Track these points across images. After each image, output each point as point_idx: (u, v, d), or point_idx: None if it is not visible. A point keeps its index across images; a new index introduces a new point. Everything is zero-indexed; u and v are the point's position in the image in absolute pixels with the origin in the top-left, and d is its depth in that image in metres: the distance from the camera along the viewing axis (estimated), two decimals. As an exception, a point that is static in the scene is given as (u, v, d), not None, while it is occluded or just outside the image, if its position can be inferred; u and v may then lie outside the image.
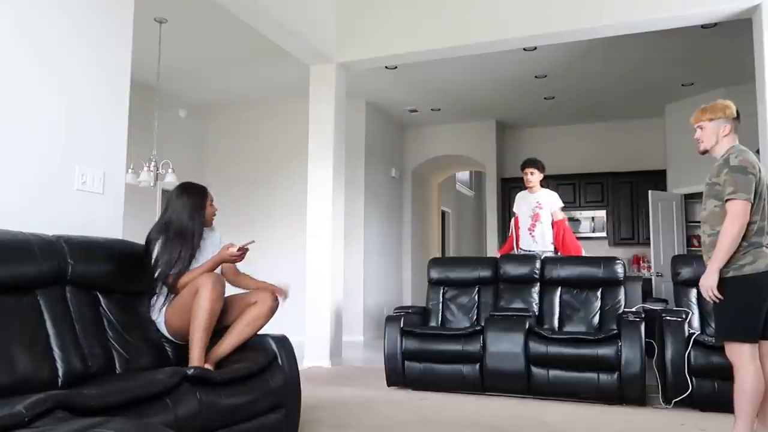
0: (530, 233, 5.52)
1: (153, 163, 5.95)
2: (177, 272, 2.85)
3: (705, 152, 2.99)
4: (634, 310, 4.46)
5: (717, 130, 2.93)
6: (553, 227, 5.51)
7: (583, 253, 5.42)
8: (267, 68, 7.19)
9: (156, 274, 2.83)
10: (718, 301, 2.81)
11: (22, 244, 2.35)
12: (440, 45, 5.68)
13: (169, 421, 2.09)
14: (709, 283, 2.81)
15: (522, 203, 5.70)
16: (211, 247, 3.12)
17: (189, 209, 2.98)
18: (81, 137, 3.15)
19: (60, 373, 2.27)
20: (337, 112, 6.05)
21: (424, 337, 4.62)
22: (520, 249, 5.56)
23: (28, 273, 2.33)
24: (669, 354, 3.94)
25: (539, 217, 5.50)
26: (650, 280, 7.82)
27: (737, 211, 2.73)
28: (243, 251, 2.95)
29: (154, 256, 2.84)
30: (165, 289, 2.87)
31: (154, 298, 2.89)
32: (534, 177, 5.60)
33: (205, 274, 2.76)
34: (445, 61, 6.55)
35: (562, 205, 5.64)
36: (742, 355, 2.73)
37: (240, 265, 3.18)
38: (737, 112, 2.94)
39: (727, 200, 2.76)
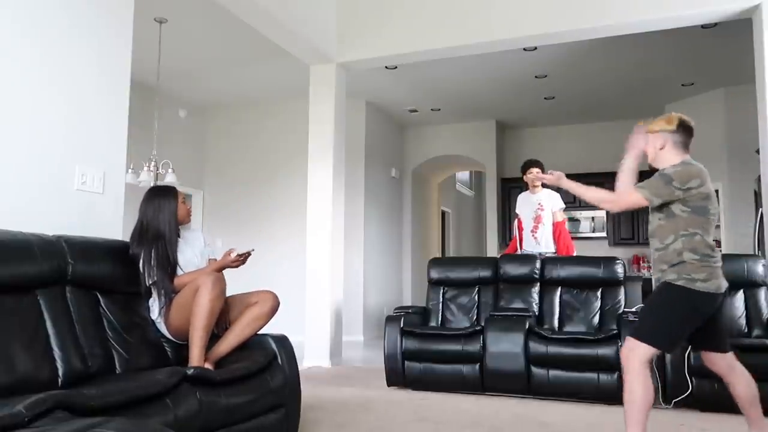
0: (533, 235, 5.52)
1: (153, 163, 5.96)
2: (168, 273, 2.86)
3: (651, 168, 2.87)
4: (634, 310, 4.45)
5: (655, 142, 2.82)
6: (552, 226, 5.52)
7: (574, 253, 5.45)
8: (267, 68, 7.19)
9: (149, 282, 2.83)
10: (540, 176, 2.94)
11: (22, 244, 2.35)
12: (440, 45, 5.69)
13: (169, 421, 2.09)
14: (551, 178, 3.00)
15: (524, 205, 5.69)
16: (198, 245, 3.13)
17: (160, 211, 2.98)
18: (81, 137, 3.16)
19: (60, 373, 2.27)
20: (337, 112, 6.05)
21: (424, 337, 4.62)
22: (524, 250, 5.56)
23: (28, 273, 2.33)
24: (669, 354, 3.94)
25: (541, 219, 5.50)
26: (650, 280, 7.78)
27: (629, 197, 2.72)
28: (243, 256, 2.95)
29: (142, 267, 2.84)
30: (162, 291, 2.88)
31: (152, 299, 2.89)
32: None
33: (205, 274, 2.76)
34: (445, 61, 6.55)
35: (563, 206, 5.63)
36: (637, 359, 2.59)
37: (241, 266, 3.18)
38: (686, 125, 2.79)
39: (633, 186, 2.74)
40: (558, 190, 5.82)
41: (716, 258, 2.69)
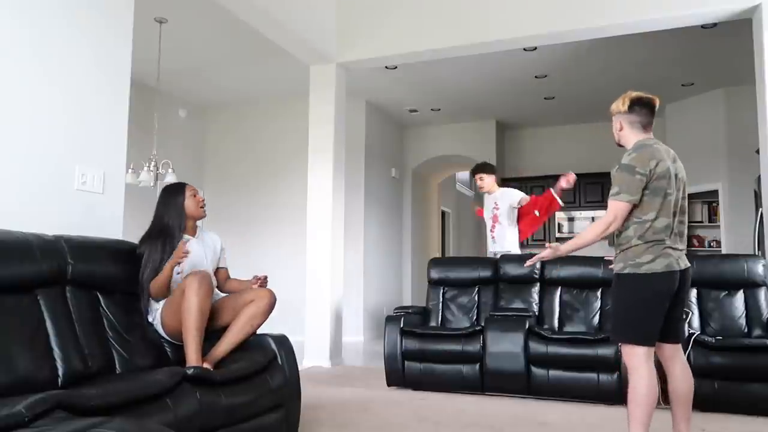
0: (491, 234, 5.51)
1: (153, 163, 5.96)
2: (158, 273, 2.86)
3: (620, 146, 2.86)
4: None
5: (615, 124, 2.82)
6: (527, 214, 5.39)
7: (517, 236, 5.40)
8: (267, 68, 7.19)
9: (143, 278, 2.84)
10: (529, 264, 2.95)
11: (22, 244, 2.36)
12: (440, 45, 5.69)
13: (169, 421, 2.09)
14: (547, 254, 2.83)
15: (485, 207, 5.69)
16: (214, 247, 3.13)
17: (166, 209, 3.01)
18: (81, 137, 3.16)
19: (60, 373, 2.27)
20: (337, 112, 6.05)
21: (424, 337, 4.62)
22: (488, 251, 5.56)
23: (28, 273, 2.34)
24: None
25: (497, 219, 5.46)
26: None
27: (616, 211, 2.62)
28: (180, 250, 2.90)
29: (143, 263, 2.85)
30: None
31: (149, 300, 2.89)
32: (485, 182, 5.51)
33: (191, 274, 2.75)
34: (445, 61, 6.55)
35: (520, 197, 5.45)
36: (635, 358, 2.58)
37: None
38: (643, 102, 2.73)
39: (610, 198, 2.66)
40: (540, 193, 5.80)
41: (668, 243, 2.60)
